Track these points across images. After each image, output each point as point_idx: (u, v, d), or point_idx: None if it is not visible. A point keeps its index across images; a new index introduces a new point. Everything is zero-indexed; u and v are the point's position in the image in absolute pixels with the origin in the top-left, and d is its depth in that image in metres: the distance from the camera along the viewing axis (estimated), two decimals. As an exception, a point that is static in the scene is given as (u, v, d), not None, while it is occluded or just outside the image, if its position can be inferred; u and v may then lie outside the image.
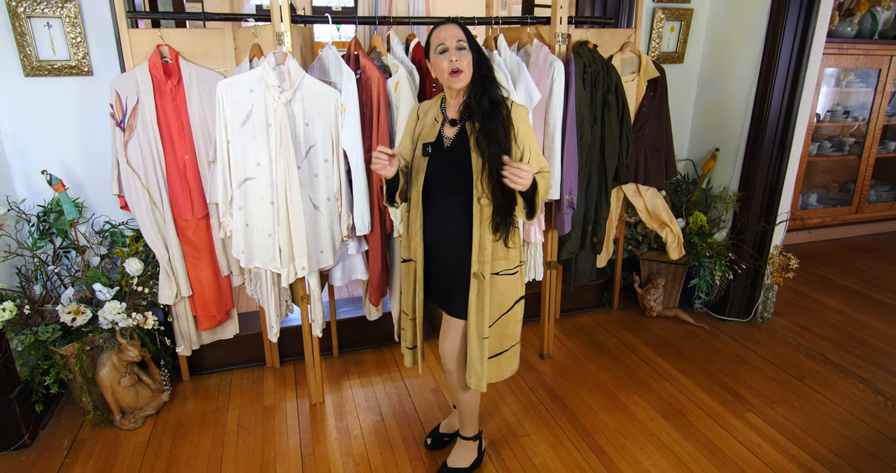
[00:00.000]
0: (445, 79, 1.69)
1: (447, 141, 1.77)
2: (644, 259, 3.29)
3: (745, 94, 2.95)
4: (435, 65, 1.70)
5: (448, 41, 1.65)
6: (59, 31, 2.18)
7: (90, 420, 2.37)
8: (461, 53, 1.65)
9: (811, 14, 2.64)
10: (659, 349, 2.96)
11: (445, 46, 1.65)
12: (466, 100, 1.72)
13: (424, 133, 1.80)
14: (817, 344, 3.00)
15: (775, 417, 2.40)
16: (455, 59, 1.64)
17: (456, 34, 1.65)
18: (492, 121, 1.67)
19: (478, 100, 1.68)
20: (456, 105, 1.76)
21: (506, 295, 1.85)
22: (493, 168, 1.66)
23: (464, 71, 1.66)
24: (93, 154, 2.41)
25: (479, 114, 1.68)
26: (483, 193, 1.71)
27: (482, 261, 1.77)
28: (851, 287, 3.72)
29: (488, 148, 1.66)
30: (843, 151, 4.31)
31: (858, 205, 4.39)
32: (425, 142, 1.79)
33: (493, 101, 1.69)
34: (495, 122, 1.67)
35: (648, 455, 2.19)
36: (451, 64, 1.64)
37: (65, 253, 2.46)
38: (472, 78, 1.68)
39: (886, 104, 4.15)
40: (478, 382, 1.87)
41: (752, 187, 2.99)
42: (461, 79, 1.67)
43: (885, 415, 2.42)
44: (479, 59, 1.68)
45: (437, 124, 1.79)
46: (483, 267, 1.78)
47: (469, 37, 1.68)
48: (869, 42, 3.89)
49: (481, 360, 1.86)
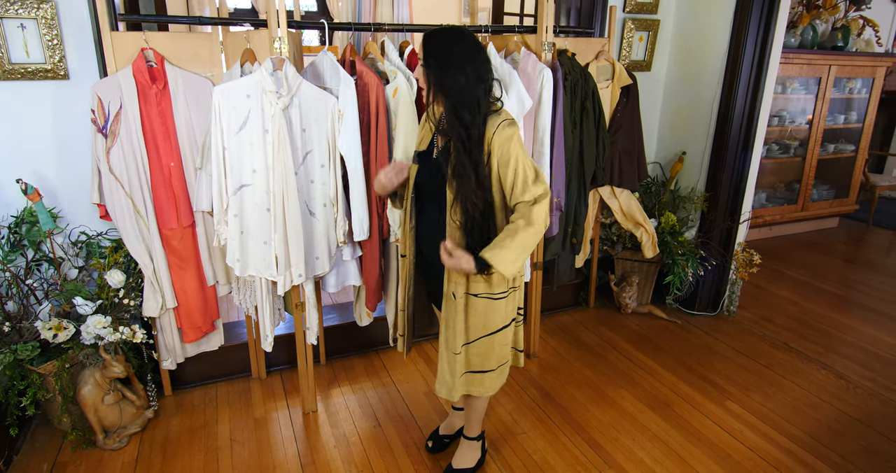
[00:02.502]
0: None
1: (436, 150, 1.74)
2: (618, 258, 3.42)
3: (710, 100, 3.13)
4: None
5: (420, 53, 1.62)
6: (33, 33, 2.07)
7: (71, 442, 2.25)
8: (421, 69, 1.60)
9: (770, 25, 2.83)
10: (637, 344, 3.08)
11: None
12: (441, 120, 1.68)
13: (420, 137, 1.81)
14: (780, 334, 3.20)
15: (752, 404, 2.56)
16: (417, 75, 1.64)
17: (421, 49, 1.61)
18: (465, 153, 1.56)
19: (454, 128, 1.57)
20: (439, 120, 1.72)
21: (489, 318, 1.78)
22: (462, 206, 1.60)
23: (423, 87, 1.62)
24: (68, 162, 2.30)
25: (455, 146, 1.58)
26: (453, 220, 1.65)
27: (453, 281, 1.73)
28: (802, 279, 3.99)
29: (460, 188, 1.59)
30: (789, 154, 4.62)
31: (803, 204, 4.71)
32: (418, 149, 1.79)
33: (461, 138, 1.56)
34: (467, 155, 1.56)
35: (641, 446, 2.29)
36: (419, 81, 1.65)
37: (37, 266, 2.33)
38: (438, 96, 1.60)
39: (826, 109, 4.48)
40: (448, 392, 1.86)
41: (717, 187, 3.17)
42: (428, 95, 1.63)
43: (848, 397, 2.61)
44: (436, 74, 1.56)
45: (432, 131, 1.77)
46: (455, 287, 1.74)
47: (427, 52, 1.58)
48: (811, 52, 4.20)
49: (452, 373, 1.84)
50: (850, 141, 4.88)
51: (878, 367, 2.86)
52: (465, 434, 2.11)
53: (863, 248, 4.69)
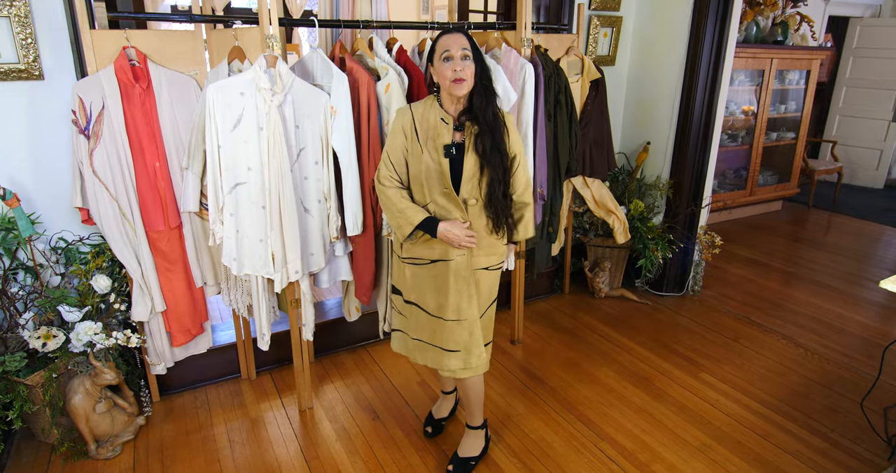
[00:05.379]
0: (447, 85, 1.75)
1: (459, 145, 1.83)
2: (591, 245, 3.57)
3: (672, 93, 3.31)
4: (438, 70, 1.76)
5: (453, 49, 1.71)
6: (5, 32, 1.99)
7: (62, 454, 2.18)
8: (465, 63, 1.73)
9: (725, 22, 3.03)
10: (613, 325, 3.24)
11: (451, 54, 1.71)
12: (468, 106, 1.80)
13: (432, 133, 1.81)
14: (741, 309, 3.43)
15: (724, 374, 2.75)
16: (459, 68, 1.71)
17: (462, 43, 1.73)
18: (496, 129, 1.78)
19: (483, 109, 1.78)
20: (454, 110, 1.83)
21: (492, 289, 1.99)
22: (491, 173, 1.79)
23: (466, 80, 1.73)
24: (44, 165, 2.21)
25: (484, 122, 1.78)
26: (472, 195, 1.82)
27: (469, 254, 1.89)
28: (754, 258, 4.27)
29: (490, 154, 1.78)
30: (737, 142, 4.92)
31: (752, 189, 5.03)
32: (444, 143, 1.80)
33: (495, 112, 1.80)
34: (499, 132, 1.79)
35: (629, 418, 2.43)
36: (455, 73, 1.71)
37: (13, 274, 2.24)
38: (473, 86, 1.77)
39: (770, 100, 4.80)
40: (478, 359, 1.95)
41: (681, 175, 3.36)
42: (464, 88, 1.74)
43: (808, 363, 2.85)
44: (481, 70, 1.77)
45: (447, 125, 1.81)
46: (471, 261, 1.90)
47: (474, 47, 1.76)
48: (755, 46, 4.49)
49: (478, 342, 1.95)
50: (790, 129, 5.24)
51: (831, 335, 3.12)
52: (469, 423, 2.17)
53: (805, 228, 5.06)
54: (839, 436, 2.32)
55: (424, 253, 1.89)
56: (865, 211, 5.44)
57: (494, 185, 1.79)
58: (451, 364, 1.94)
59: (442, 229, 1.80)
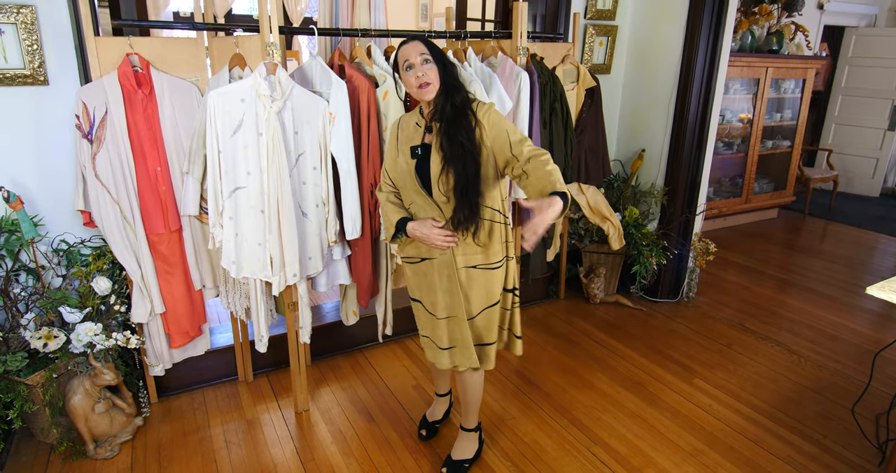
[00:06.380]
0: (415, 92, 1.79)
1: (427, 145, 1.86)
2: (586, 251, 3.60)
3: (666, 101, 3.36)
4: (405, 80, 1.80)
5: (412, 57, 1.75)
6: (12, 38, 2.03)
7: (61, 453, 2.21)
8: (426, 67, 1.74)
9: (719, 31, 3.08)
10: (608, 331, 3.27)
11: (411, 62, 1.75)
12: (435, 106, 1.82)
13: (407, 137, 1.86)
14: (735, 316, 3.46)
15: (717, 380, 2.78)
16: (421, 73, 1.75)
17: (419, 49, 1.75)
18: (453, 124, 1.75)
19: (442, 106, 1.77)
20: (428, 113, 1.86)
21: (490, 289, 1.93)
22: (455, 169, 1.75)
23: (431, 82, 1.76)
24: (47, 169, 2.25)
25: (443, 118, 1.76)
26: (443, 194, 1.79)
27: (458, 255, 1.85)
28: (749, 266, 4.30)
29: (450, 149, 1.74)
30: (733, 150, 4.96)
31: (747, 196, 5.07)
32: (412, 145, 1.86)
33: (454, 105, 1.76)
34: (457, 125, 1.75)
35: (622, 423, 2.45)
36: (418, 79, 1.75)
37: (14, 275, 2.27)
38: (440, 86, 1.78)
39: (765, 108, 4.85)
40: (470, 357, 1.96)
41: (676, 182, 3.40)
42: (430, 91, 1.77)
43: (801, 370, 2.87)
44: (443, 69, 1.78)
45: (419, 128, 1.87)
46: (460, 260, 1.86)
47: (432, 49, 1.77)
48: (750, 55, 4.54)
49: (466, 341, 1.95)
50: (785, 137, 5.29)
51: (824, 341, 3.15)
52: (463, 426, 2.20)
53: (801, 236, 5.09)
54: (831, 442, 2.35)
55: (414, 252, 1.96)
56: (861, 219, 5.47)
57: (458, 182, 1.75)
58: (444, 361, 1.99)
59: (409, 229, 1.85)
